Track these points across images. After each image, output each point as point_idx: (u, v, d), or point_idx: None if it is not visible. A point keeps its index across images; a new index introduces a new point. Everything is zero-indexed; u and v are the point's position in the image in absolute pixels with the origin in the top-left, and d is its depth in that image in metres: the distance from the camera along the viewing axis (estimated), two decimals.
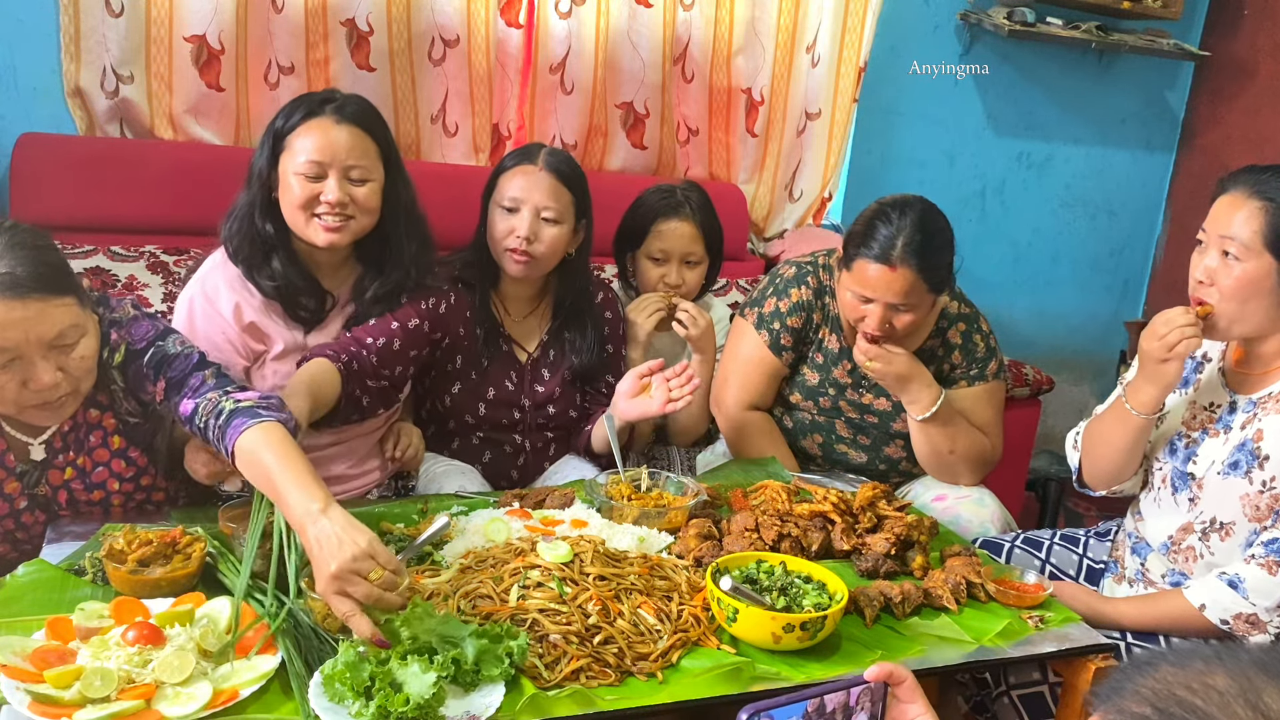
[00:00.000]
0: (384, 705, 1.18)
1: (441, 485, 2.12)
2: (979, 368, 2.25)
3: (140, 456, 1.75)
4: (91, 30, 2.51)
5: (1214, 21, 3.86)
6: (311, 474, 1.43)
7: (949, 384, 2.24)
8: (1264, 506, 1.75)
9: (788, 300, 2.27)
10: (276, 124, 1.95)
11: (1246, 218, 1.73)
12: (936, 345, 2.25)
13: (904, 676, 1.09)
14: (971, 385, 2.24)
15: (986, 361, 2.26)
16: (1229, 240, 1.74)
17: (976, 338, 2.26)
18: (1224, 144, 3.84)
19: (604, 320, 2.28)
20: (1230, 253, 1.74)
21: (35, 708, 1.17)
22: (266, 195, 1.96)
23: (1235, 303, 1.75)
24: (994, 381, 2.26)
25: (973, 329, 2.27)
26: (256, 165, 1.96)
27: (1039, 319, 3.97)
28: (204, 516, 1.70)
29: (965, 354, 2.25)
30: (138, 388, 1.69)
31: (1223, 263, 1.75)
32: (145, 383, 1.67)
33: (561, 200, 2.13)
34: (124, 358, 1.68)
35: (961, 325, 2.26)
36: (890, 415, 2.27)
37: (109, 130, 2.61)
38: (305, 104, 1.95)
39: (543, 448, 2.30)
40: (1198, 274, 1.79)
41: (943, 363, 2.25)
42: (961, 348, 2.25)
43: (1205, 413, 1.88)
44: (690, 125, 3.18)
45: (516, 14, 2.89)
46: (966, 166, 3.68)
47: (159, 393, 1.66)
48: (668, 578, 1.55)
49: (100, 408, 1.71)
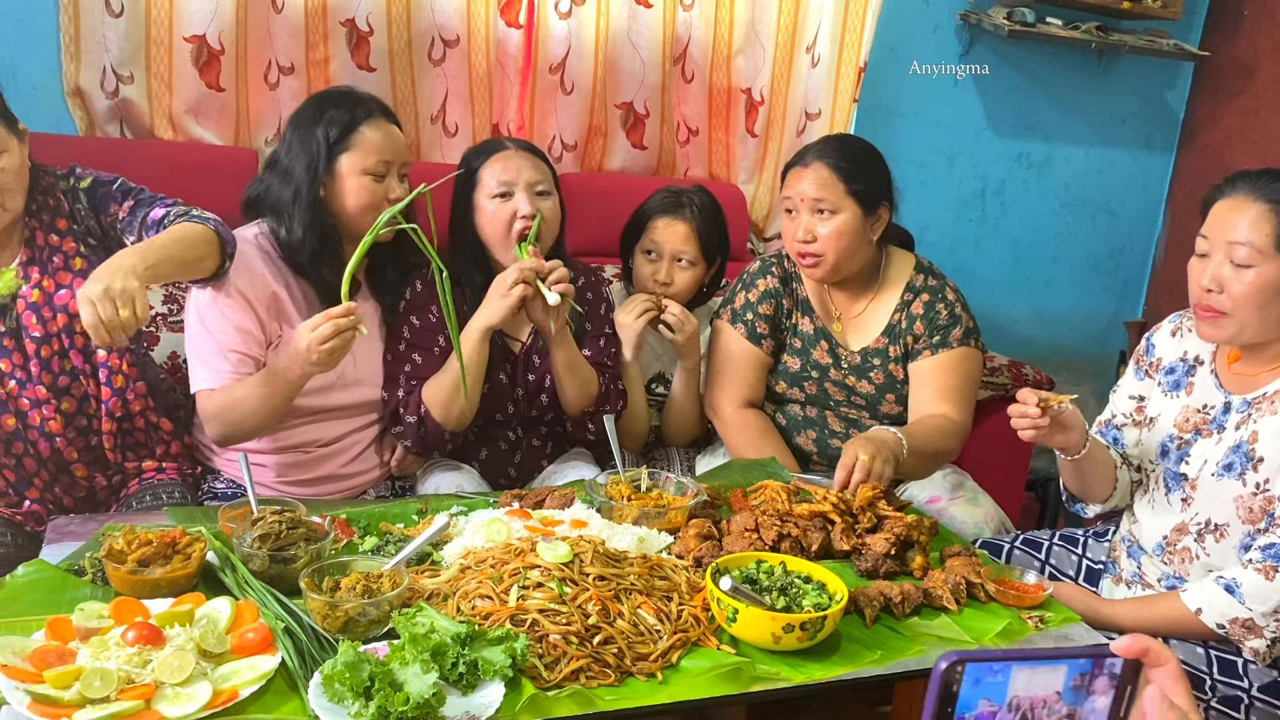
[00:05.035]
0: (384, 705, 1.18)
1: (440, 485, 2.12)
2: (941, 335, 2.25)
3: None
4: (91, 30, 2.51)
5: (1214, 21, 3.86)
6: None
7: (914, 357, 2.26)
8: (1258, 509, 1.75)
9: (755, 290, 2.34)
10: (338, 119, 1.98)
11: (1255, 221, 1.71)
12: (900, 319, 2.27)
13: (1166, 658, 0.83)
14: (935, 353, 2.25)
15: (950, 328, 2.26)
16: (1238, 246, 1.72)
17: (939, 306, 2.27)
18: (1224, 144, 3.84)
19: (585, 300, 2.29)
20: (1239, 258, 1.72)
21: (35, 708, 1.17)
22: (317, 192, 1.99)
23: (1250, 309, 1.73)
24: (959, 348, 2.25)
25: (936, 298, 2.28)
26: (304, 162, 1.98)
27: (1039, 319, 3.97)
28: (204, 516, 1.70)
29: (927, 323, 2.27)
30: (102, 208, 1.91)
31: (1232, 269, 1.74)
32: (110, 202, 1.91)
33: (546, 174, 2.17)
34: (90, 184, 1.92)
35: (925, 296, 2.29)
36: (876, 398, 2.29)
37: (109, 130, 2.61)
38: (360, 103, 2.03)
39: (539, 445, 2.30)
40: (1205, 281, 1.77)
41: (906, 335, 2.27)
42: (923, 317, 2.27)
43: (1199, 414, 1.88)
44: (690, 125, 3.18)
45: (516, 14, 2.89)
46: (966, 167, 3.68)
47: (123, 210, 1.89)
48: (668, 578, 1.55)
49: (60, 233, 1.89)
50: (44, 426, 1.88)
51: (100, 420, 1.94)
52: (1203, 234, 1.79)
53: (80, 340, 1.89)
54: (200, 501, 2.03)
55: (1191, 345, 1.93)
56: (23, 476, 1.90)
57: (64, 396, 1.90)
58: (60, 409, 1.89)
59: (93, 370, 1.92)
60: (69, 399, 1.90)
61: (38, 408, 1.87)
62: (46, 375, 1.87)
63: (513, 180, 2.12)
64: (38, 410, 1.87)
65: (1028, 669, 0.80)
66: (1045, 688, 0.82)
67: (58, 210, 1.90)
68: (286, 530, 1.53)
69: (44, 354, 1.86)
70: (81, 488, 1.95)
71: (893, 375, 2.29)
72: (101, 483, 1.97)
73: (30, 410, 1.87)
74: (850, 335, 2.33)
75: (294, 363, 1.80)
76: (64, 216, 1.90)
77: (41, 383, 1.86)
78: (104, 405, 1.93)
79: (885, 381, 2.29)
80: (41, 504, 1.92)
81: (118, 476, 1.99)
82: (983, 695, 0.80)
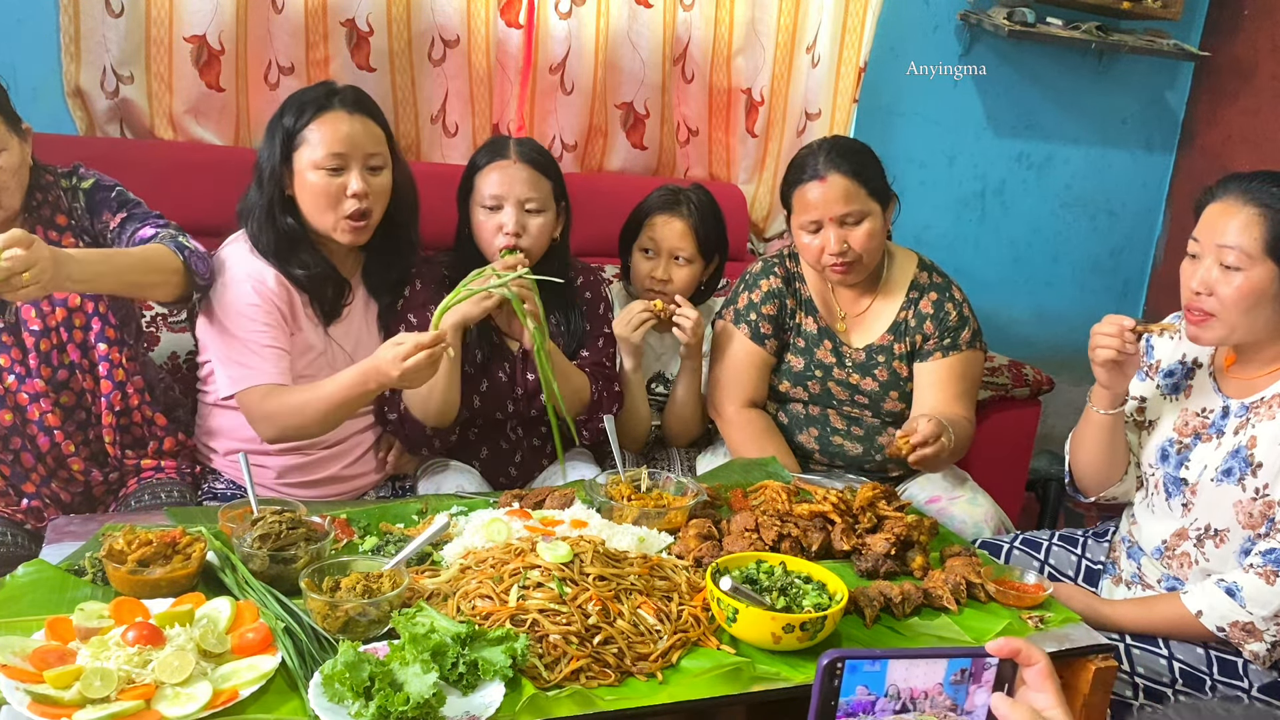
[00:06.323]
0: (384, 705, 1.18)
1: (440, 485, 2.12)
2: (951, 337, 2.26)
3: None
4: (91, 30, 2.51)
5: (1214, 21, 3.86)
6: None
7: (921, 357, 2.26)
8: (1257, 513, 1.74)
9: (758, 291, 2.34)
10: (285, 122, 1.96)
11: (1244, 225, 1.71)
12: (909, 317, 2.27)
13: (1037, 658, 0.90)
14: (946, 355, 2.26)
15: (959, 330, 2.27)
16: (1227, 249, 1.72)
17: (949, 306, 2.28)
18: (1224, 144, 3.83)
19: (584, 300, 2.29)
20: (1229, 262, 1.72)
21: (35, 708, 1.17)
22: (280, 192, 1.97)
23: (1238, 312, 1.73)
24: (968, 351, 2.27)
25: (944, 298, 2.29)
26: (267, 164, 1.98)
27: (1039, 319, 3.97)
28: (204, 516, 1.70)
29: (937, 323, 2.27)
30: (95, 213, 1.92)
31: (1221, 272, 1.74)
32: (104, 210, 1.92)
33: (542, 190, 2.15)
34: (91, 186, 1.93)
35: (933, 295, 2.29)
36: (879, 395, 2.30)
37: (109, 130, 2.61)
38: (313, 98, 1.97)
39: (539, 445, 2.30)
40: (1194, 284, 1.77)
41: (915, 334, 2.27)
42: (933, 317, 2.27)
43: (1198, 418, 1.88)
44: (690, 125, 3.18)
45: (516, 14, 2.88)
46: (966, 167, 3.68)
47: (115, 221, 1.91)
48: (668, 578, 1.54)
49: (59, 230, 1.88)
50: (43, 420, 1.88)
51: (99, 414, 1.94)
52: (1194, 237, 1.79)
53: (79, 335, 1.90)
54: (200, 501, 2.03)
55: (1190, 348, 1.93)
56: (20, 471, 1.90)
57: (63, 390, 1.90)
58: (59, 403, 1.89)
59: (91, 365, 1.92)
60: (68, 393, 1.90)
61: (36, 401, 1.87)
62: (45, 369, 1.87)
63: (503, 195, 2.12)
64: (36, 404, 1.87)
65: (905, 662, 0.91)
66: (926, 680, 0.92)
67: (57, 207, 1.91)
68: (286, 530, 1.53)
69: (43, 348, 1.87)
70: (79, 483, 1.95)
71: (896, 372, 2.29)
72: (99, 478, 1.97)
73: (29, 404, 1.87)
74: (854, 333, 2.33)
75: (371, 377, 1.82)
76: (63, 213, 1.91)
77: (40, 376, 1.86)
78: (103, 399, 1.94)
79: (889, 379, 2.29)
80: (39, 499, 1.92)
81: (115, 473, 1.99)
82: (860, 683, 0.91)
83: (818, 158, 2.18)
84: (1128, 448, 1.98)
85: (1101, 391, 1.89)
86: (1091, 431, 1.95)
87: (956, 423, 2.15)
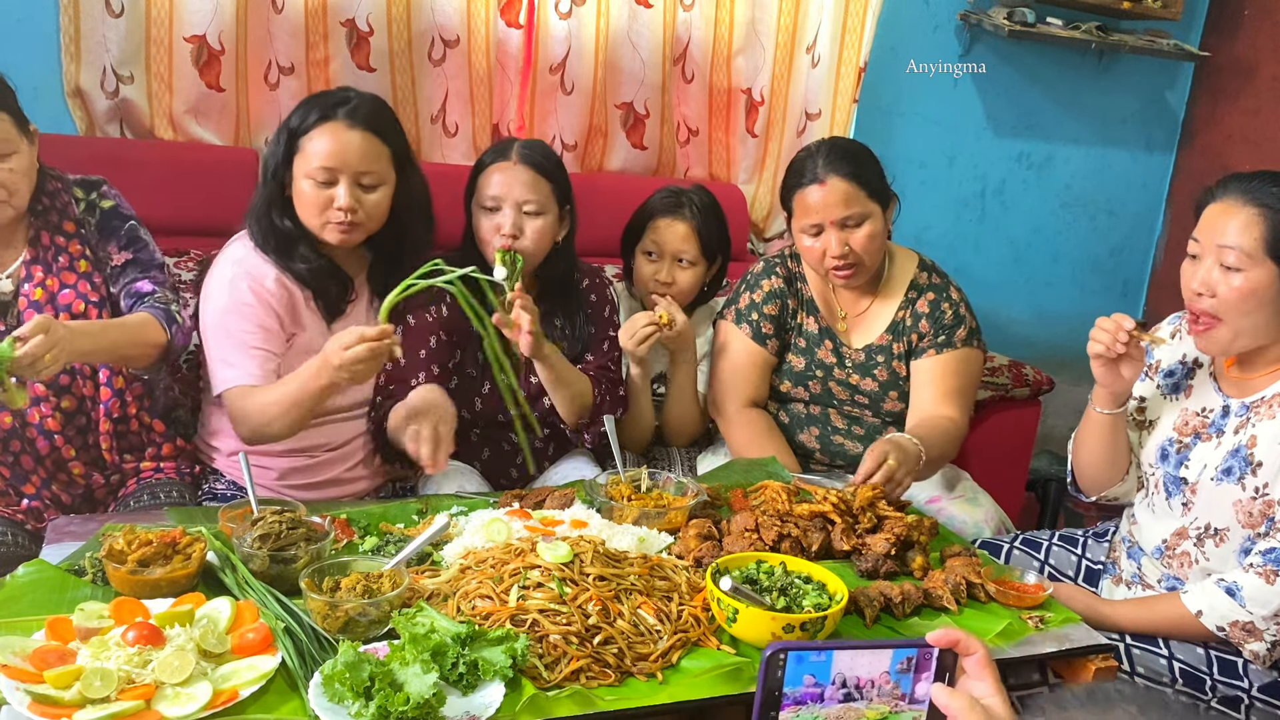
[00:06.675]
0: (384, 705, 1.18)
1: (441, 485, 2.12)
2: (946, 334, 2.26)
3: (104, 285, 1.92)
4: (91, 30, 2.51)
5: (1214, 21, 3.86)
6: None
7: (917, 355, 2.26)
8: (1257, 513, 1.74)
9: (760, 291, 2.34)
10: (291, 123, 1.96)
11: (1244, 225, 1.70)
12: (906, 317, 2.28)
13: (975, 648, 0.95)
14: (940, 353, 2.25)
15: (954, 328, 2.27)
16: (1227, 250, 1.71)
17: (944, 305, 2.28)
18: (1224, 144, 3.84)
19: (589, 303, 2.29)
20: (1229, 262, 1.72)
21: (35, 708, 1.17)
22: (281, 192, 1.98)
23: (1238, 313, 1.73)
24: (964, 349, 2.27)
25: (941, 297, 2.29)
26: (271, 163, 1.98)
27: (1039, 319, 3.97)
28: (204, 516, 1.70)
29: (932, 321, 2.27)
30: (104, 238, 1.93)
31: (1222, 273, 1.73)
32: (113, 240, 1.93)
33: (541, 191, 2.14)
34: (110, 209, 1.94)
35: (930, 295, 2.29)
36: (879, 395, 2.30)
37: (109, 130, 2.61)
38: (319, 105, 1.96)
39: (541, 447, 2.29)
40: (1194, 285, 1.76)
41: (911, 333, 2.27)
42: (928, 315, 2.27)
43: (1198, 418, 1.88)
44: (690, 125, 3.18)
45: (516, 14, 2.88)
46: (966, 167, 3.68)
47: (118, 259, 1.92)
48: (668, 578, 1.54)
49: (66, 235, 1.89)
50: (43, 424, 1.88)
51: (98, 420, 1.94)
52: (1194, 237, 1.79)
53: None
54: (200, 502, 2.03)
55: (1190, 348, 1.93)
56: (20, 473, 1.90)
57: (64, 395, 1.90)
58: (60, 407, 1.89)
59: (92, 371, 1.92)
60: (69, 397, 1.91)
61: (37, 405, 1.87)
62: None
63: (501, 196, 2.12)
64: (36, 408, 1.87)
65: (850, 653, 0.95)
66: (872, 669, 0.97)
67: (64, 213, 1.91)
68: (286, 530, 1.53)
69: None
70: (79, 486, 1.95)
71: (896, 372, 2.29)
72: (99, 481, 1.97)
73: (29, 407, 1.87)
74: (854, 333, 2.33)
75: (322, 371, 1.79)
76: (71, 220, 1.92)
77: (41, 380, 1.86)
78: (102, 405, 1.94)
79: (889, 378, 2.29)
80: (39, 500, 1.92)
81: (115, 476, 1.99)
82: (806, 672, 0.95)
83: (816, 161, 2.17)
84: (1129, 448, 1.98)
85: (1101, 390, 1.89)
86: (1092, 431, 1.95)
87: (934, 425, 2.14)
